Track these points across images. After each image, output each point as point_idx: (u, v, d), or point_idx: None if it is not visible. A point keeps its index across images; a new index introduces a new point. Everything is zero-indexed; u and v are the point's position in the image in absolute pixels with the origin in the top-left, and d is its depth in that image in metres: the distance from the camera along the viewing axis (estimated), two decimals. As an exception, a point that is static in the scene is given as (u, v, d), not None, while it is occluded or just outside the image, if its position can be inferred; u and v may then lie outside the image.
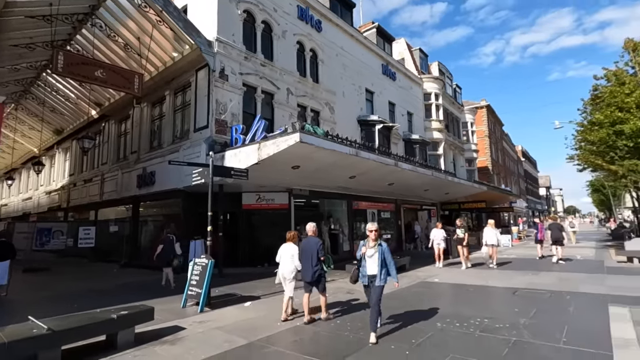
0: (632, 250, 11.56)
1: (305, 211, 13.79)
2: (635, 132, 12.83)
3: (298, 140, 8.00)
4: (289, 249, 5.98)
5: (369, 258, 4.81)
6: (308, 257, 5.73)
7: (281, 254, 6.03)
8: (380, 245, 4.83)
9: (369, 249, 4.85)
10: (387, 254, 4.80)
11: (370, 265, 4.80)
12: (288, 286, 5.90)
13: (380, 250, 4.78)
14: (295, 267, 5.86)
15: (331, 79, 16.22)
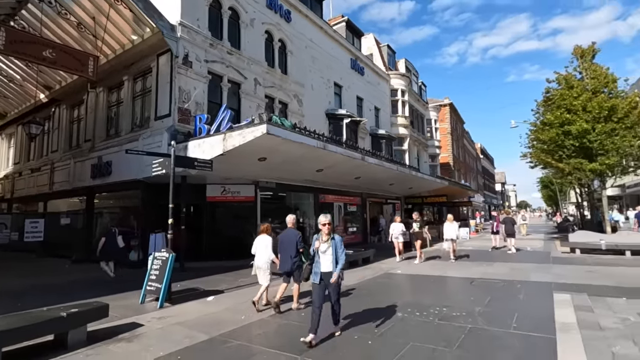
0: (575, 242, 12.56)
1: (272, 204, 13.67)
2: (581, 133, 13.87)
3: (265, 131, 7.86)
4: (263, 240, 6.13)
5: (323, 254, 4.45)
6: (287, 249, 5.83)
7: (256, 245, 6.16)
8: (333, 239, 4.49)
9: (322, 244, 4.47)
10: (338, 247, 4.47)
11: (325, 261, 4.45)
12: (263, 276, 6.04)
13: (334, 244, 4.46)
14: (269, 257, 5.98)
15: (300, 71, 16.07)
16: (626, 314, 5.12)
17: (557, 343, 4.11)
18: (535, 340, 4.29)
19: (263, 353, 4.08)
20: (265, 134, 7.93)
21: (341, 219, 17.79)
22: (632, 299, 5.94)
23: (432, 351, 4.03)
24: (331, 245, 4.46)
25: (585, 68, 14.93)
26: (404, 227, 12.31)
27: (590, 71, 14.78)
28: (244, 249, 12.20)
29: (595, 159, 14.13)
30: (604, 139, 13.69)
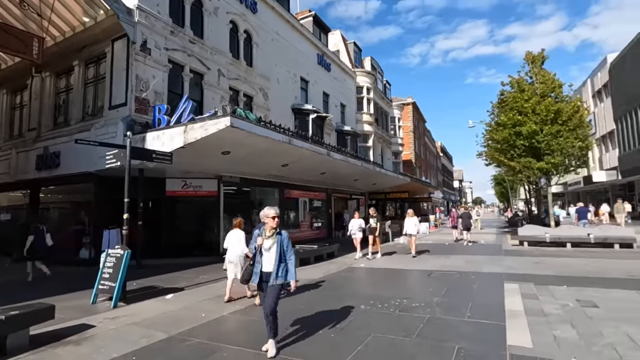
0: (523, 236, 13.48)
1: (236, 199, 13.39)
2: (530, 134, 14.87)
3: (229, 124, 7.65)
4: (236, 234, 6.33)
5: (266, 251, 3.86)
6: None
7: (228, 240, 6.36)
8: (279, 234, 3.88)
9: (265, 240, 3.87)
10: (286, 246, 3.87)
11: (267, 260, 3.86)
12: (234, 269, 6.23)
13: (279, 241, 3.84)
14: (242, 251, 6.15)
15: (266, 64, 15.80)
16: (566, 301, 5.58)
17: (507, 329, 4.39)
18: (487, 327, 4.55)
19: (224, 350, 4.00)
20: (229, 127, 7.72)
21: (306, 214, 17.81)
22: (571, 287, 6.48)
23: (392, 340, 4.15)
24: (276, 242, 3.84)
25: (535, 73, 15.98)
26: (363, 222, 11.99)
27: (539, 76, 15.85)
28: (206, 245, 12.02)
29: (543, 158, 15.22)
30: (550, 140, 14.77)
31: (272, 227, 3.88)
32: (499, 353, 3.68)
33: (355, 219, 11.89)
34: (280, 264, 3.82)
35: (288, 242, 3.92)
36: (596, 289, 6.26)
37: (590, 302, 5.46)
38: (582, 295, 5.84)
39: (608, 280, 7.06)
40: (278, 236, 3.88)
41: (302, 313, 5.42)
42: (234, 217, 6.80)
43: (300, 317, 5.20)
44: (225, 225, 12.52)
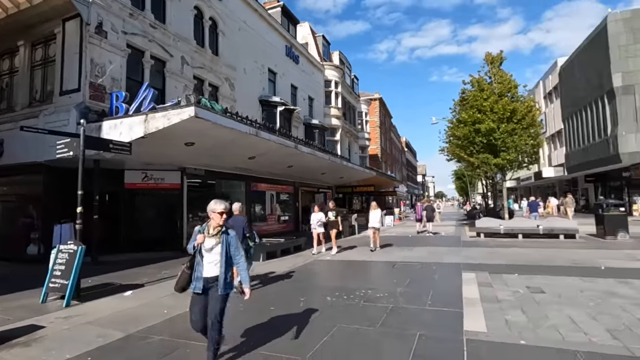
0: (480, 227, 14.24)
1: (200, 192, 13.02)
2: (488, 131, 15.66)
3: (193, 114, 7.38)
4: None
5: (207, 252, 3.26)
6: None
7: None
8: (226, 233, 3.31)
9: (207, 239, 3.26)
10: (234, 247, 3.32)
11: (209, 263, 3.24)
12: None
13: (225, 242, 3.28)
14: None
15: (232, 53, 15.37)
16: (517, 288, 5.98)
17: (464, 315, 4.64)
18: (446, 314, 4.79)
19: (187, 346, 3.90)
20: (193, 117, 7.45)
21: (273, 207, 17.69)
22: (522, 275, 6.95)
23: (357, 330, 4.25)
24: (222, 241, 3.26)
25: (494, 73, 16.80)
26: (324, 216, 11.36)
27: (497, 76, 16.68)
28: (168, 239, 11.60)
29: (499, 154, 16.11)
30: (506, 138, 15.65)
31: (217, 225, 3.27)
32: (456, 338, 3.88)
33: (316, 212, 11.34)
34: (228, 269, 3.27)
35: (236, 243, 3.36)
36: (543, 276, 6.76)
37: (538, 288, 5.89)
38: (531, 282, 6.29)
39: (554, 268, 7.64)
40: (224, 235, 3.28)
41: (268, 306, 5.41)
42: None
43: (266, 310, 5.19)
44: (188, 219, 12.15)
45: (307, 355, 3.58)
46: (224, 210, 3.29)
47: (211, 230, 3.30)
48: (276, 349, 3.73)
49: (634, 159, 20.59)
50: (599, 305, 4.87)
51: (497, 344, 3.70)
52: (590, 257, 8.87)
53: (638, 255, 8.90)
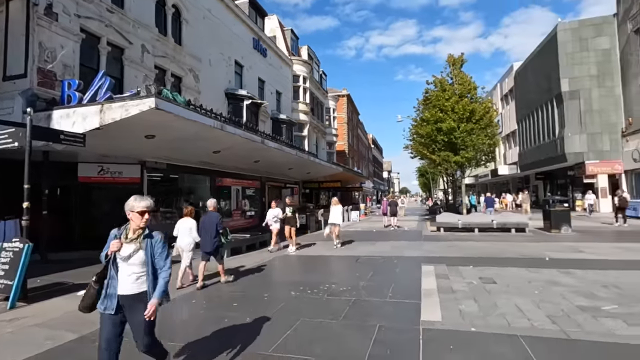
0: (440, 222, 14.89)
1: (162, 186, 12.56)
2: (449, 130, 16.36)
3: (153, 106, 7.07)
4: (187, 223, 6.53)
5: (125, 262, 2.60)
6: (208, 230, 6.39)
7: (179, 228, 6.55)
8: (148, 237, 2.68)
9: (125, 245, 2.62)
10: (159, 254, 2.69)
11: (127, 276, 2.60)
12: (185, 257, 6.46)
13: (149, 247, 2.65)
14: (193, 239, 6.44)
15: (197, 43, 14.86)
16: (471, 279, 6.35)
17: (421, 306, 4.86)
18: (406, 306, 4.99)
19: (145, 345, 3.79)
20: (153, 109, 7.13)
21: (239, 202, 17.42)
22: (476, 267, 7.38)
23: (320, 323, 4.34)
24: (145, 247, 2.63)
25: (455, 75, 17.54)
26: (280, 212, 10.85)
27: (458, 78, 17.43)
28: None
29: (459, 152, 16.88)
30: (465, 137, 16.43)
31: (138, 227, 2.65)
32: (413, 328, 4.07)
33: (272, 208, 10.89)
34: (155, 280, 2.66)
35: (163, 247, 2.71)
36: (495, 268, 7.22)
37: (490, 279, 6.29)
38: (484, 274, 6.70)
39: (505, 259, 8.18)
40: (147, 240, 2.65)
41: (231, 302, 5.37)
42: (183, 206, 7.31)
43: (230, 306, 5.15)
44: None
45: (269, 349, 3.61)
46: (146, 209, 2.65)
47: (130, 233, 2.66)
48: (239, 345, 3.72)
49: (578, 159, 22.38)
50: (542, 293, 5.30)
51: (450, 331, 3.93)
52: (537, 249, 9.57)
53: (579, 247, 9.73)
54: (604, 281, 5.87)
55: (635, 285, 5.61)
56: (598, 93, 22.01)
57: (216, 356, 3.50)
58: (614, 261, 7.70)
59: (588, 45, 22.25)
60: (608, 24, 22.11)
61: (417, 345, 3.60)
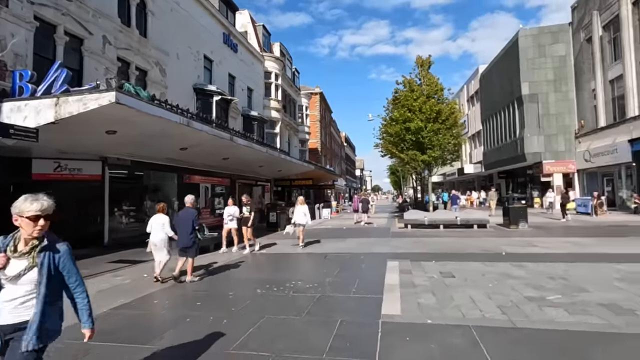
0: (408, 219, 15.33)
1: (126, 184, 12.14)
2: (417, 130, 16.83)
3: (114, 100, 6.79)
4: (160, 219, 6.57)
5: (12, 283, 1.95)
6: (184, 226, 6.46)
7: (152, 224, 6.59)
8: (49, 250, 2.04)
9: (13, 260, 1.97)
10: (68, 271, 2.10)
11: (12, 300, 1.95)
12: (159, 253, 6.49)
13: (48, 264, 2.01)
14: (166, 234, 6.47)
15: (164, 36, 14.39)
16: (432, 273, 6.61)
17: (383, 301, 5.02)
18: (368, 301, 5.14)
19: (98, 348, 3.68)
20: (114, 104, 6.85)
21: (208, 200, 17.10)
22: (438, 261, 7.68)
23: (283, 320, 4.38)
24: (41, 264, 1.98)
25: (423, 76, 18.05)
26: (237, 211, 10.17)
27: (426, 79, 17.95)
28: (87, 236, 10.62)
29: (426, 152, 17.42)
30: (432, 136, 16.98)
31: (30, 237, 2.00)
32: (374, 322, 4.20)
33: (229, 206, 10.31)
34: (48, 306, 1.99)
35: (71, 263, 2.11)
36: (456, 262, 7.55)
37: (449, 273, 6.57)
38: (444, 268, 6.99)
39: (465, 255, 8.57)
40: (45, 254, 2.01)
41: (195, 301, 5.30)
42: (156, 203, 7.49)
43: (193, 305, 5.09)
44: (111, 212, 11.26)
45: (231, 347, 3.61)
46: (40, 213, 1.98)
47: (21, 245, 2.01)
48: (200, 343, 3.70)
49: (536, 159, 23.70)
50: (495, 286, 5.61)
51: (407, 324, 4.09)
52: (495, 244, 10.09)
53: (533, 241, 10.35)
54: (552, 273, 6.30)
55: (579, 276, 6.06)
56: (554, 97, 23.40)
57: (176, 357, 3.47)
58: (562, 254, 8.27)
59: (546, 51, 23.57)
60: (564, 32, 23.52)
61: (376, 338, 3.72)
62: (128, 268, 8.01)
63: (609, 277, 5.95)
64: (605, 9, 19.88)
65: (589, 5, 21.29)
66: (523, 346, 3.46)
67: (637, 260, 7.27)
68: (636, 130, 17.45)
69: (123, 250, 10.05)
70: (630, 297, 4.82)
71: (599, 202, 17.74)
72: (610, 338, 3.58)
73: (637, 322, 3.98)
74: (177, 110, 9.59)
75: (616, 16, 18.99)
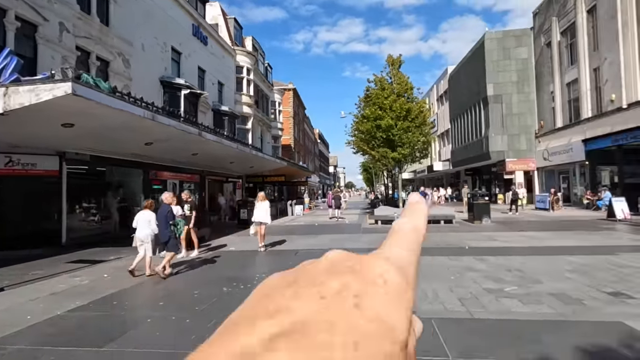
0: (378, 215, 15.60)
1: (86, 180, 11.57)
2: (388, 127, 17.13)
3: (70, 92, 6.42)
4: (146, 215, 6.71)
5: None
6: (160, 222, 6.71)
7: (137, 220, 6.71)
8: None
9: None
10: None
11: None
12: (146, 247, 6.61)
13: None
14: (152, 230, 6.61)
15: (127, 25, 13.75)
16: (399, 268, 6.76)
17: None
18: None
19: (51, 353, 3.49)
20: (70, 95, 6.47)
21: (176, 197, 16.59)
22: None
23: (249, 319, 4.33)
24: None
25: (394, 74, 18.37)
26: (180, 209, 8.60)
27: (397, 77, 18.27)
28: (42, 235, 10.03)
29: (396, 149, 17.77)
30: (402, 134, 17.34)
31: None
32: (339, 317, 4.25)
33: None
34: None
35: None
36: (422, 257, 7.72)
37: (415, 267, 6.75)
38: (411, 263, 7.17)
39: (432, 249, 8.82)
40: None
41: (157, 301, 5.14)
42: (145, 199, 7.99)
43: (156, 305, 4.93)
44: (70, 210, 10.70)
45: (192, 346, 3.52)
46: None
47: None
48: (160, 344, 3.59)
49: (500, 157, 24.79)
50: (457, 279, 5.83)
51: (372, 318, 4.17)
52: (460, 238, 10.47)
53: (495, 236, 10.83)
54: (510, 266, 6.63)
55: (534, 268, 6.41)
56: (517, 98, 24.53)
57: (132, 359, 3.35)
58: (520, 248, 8.72)
59: (510, 54, 24.64)
60: (527, 36, 24.67)
61: (340, 333, 3.76)
62: (87, 268, 7.64)
63: (561, 268, 6.34)
64: (563, 16, 21.04)
65: (549, 11, 22.44)
66: (478, 335, 3.61)
67: (587, 252, 7.79)
68: (589, 131, 18.64)
69: (83, 250, 9.59)
70: (578, 287, 5.16)
71: (555, 198, 18.85)
72: (557, 326, 3.82)
73: (582, 310, 4.26)
74: (141, 103, 9.20)
75: (572, 23, 20.15)
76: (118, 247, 9.78)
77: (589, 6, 18.95)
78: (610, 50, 17.22)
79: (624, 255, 7.43)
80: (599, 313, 4.15)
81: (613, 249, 8.05)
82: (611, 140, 17.12)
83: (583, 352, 3.18)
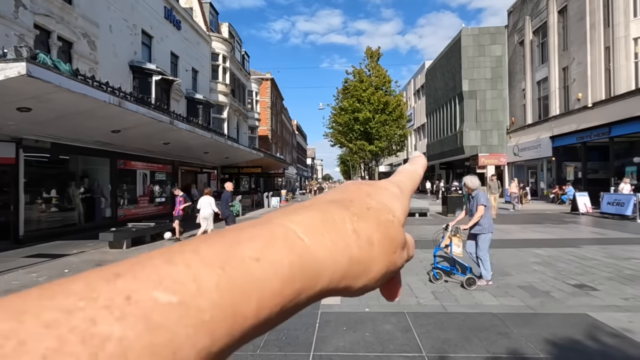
0: (355, 208, 15.66)
1: (48, 169, 10.86)
2: (365, 120, 17.15)
3: (24, 72, 5.91)
4: (207, 199, 8.81)
5: None
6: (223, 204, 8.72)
7: (201, 202, 8.82)
8: None
9: None
10: None
11: None
12: (209, 222, 8.73)
13: None
14: (213, 210, 8.78)
15: (93, 5, 12.90)
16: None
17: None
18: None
19: None
20: (24, 76, 5.96)
21: (147, 188, 15.99)
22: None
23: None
24: None
25: (373, 67, 18.35)
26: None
27: (375, 70, 18.27)
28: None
29: (373, 142, 17.85)
30: (379, 127, 17.42)
31: None
32: (313, 312, 4.16)
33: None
34: None
35: None
36: (396, 250, 7.81)
37: (390, 260, 6.77)
38: (385, 256, 7.19)
39: (406, 242, 8.91)
40: None
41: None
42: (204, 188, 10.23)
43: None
44: (29, 201, 10.03)
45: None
46: None
47: None
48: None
49: (473, 151, 25.45)
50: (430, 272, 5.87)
51: (345, 313, 4.11)
52: (433, 231, 10.63)
53: (466, 229, 11.07)
54: (481, 258, 6.75)
55: (504, 261, 6.57)
56: (491, 95, 25.17)
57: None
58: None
59: (485, 51, 25.16)
60: (501, 34, 25.24)
61: (313, 329, 3.68)
62: (46, 263, 7.18)
63: (529, 261, 6.53)
64: (536, 15, 21.64)
65: (523, 10, 23.03)
66: (451, 328, 3.62)
67: (552, 245, 8.09)
68: (557, 128, 19.41)
69: (43, 243, 9.04)
70: (545, 280, 5.32)
71: (523, 192, 19.57)
72: (526, 319, 3.89)
73: (550, 302, 4.38)
74: (106, 88, 8.66)
75: (544, 23, 20.77)
76: (82, 239, 9.28)
77: (560, 7, 19.57)
78: (579, 50, 17.90)
79: (586, 247, 7.77)
80: (565, 305, 4.27)
81: (576, 242, 8.41)
82: (576, 137, 17.91)
83: (551, 344, 3.24)
